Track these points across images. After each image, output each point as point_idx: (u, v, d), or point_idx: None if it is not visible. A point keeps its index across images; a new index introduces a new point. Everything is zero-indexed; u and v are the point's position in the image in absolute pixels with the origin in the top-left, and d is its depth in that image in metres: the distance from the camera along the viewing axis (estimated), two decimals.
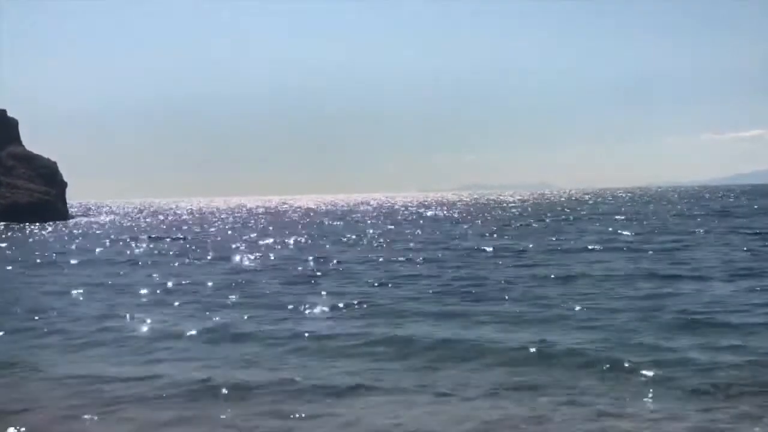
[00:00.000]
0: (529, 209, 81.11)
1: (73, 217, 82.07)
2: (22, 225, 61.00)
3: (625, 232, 36.52)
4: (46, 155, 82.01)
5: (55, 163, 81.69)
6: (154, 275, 23.10)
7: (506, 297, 16.75)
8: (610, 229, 40.01)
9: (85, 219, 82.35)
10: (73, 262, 28.78)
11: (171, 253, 32.58)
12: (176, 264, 27.30)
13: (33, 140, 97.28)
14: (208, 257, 29.42)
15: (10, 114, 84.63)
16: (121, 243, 40.33)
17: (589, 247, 28.80)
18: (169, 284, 20.69)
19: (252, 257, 28.52)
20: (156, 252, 33.34)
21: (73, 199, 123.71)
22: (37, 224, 62.47)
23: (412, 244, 33.36)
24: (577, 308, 14.82)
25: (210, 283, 20.50)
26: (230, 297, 17.90)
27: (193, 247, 35.47)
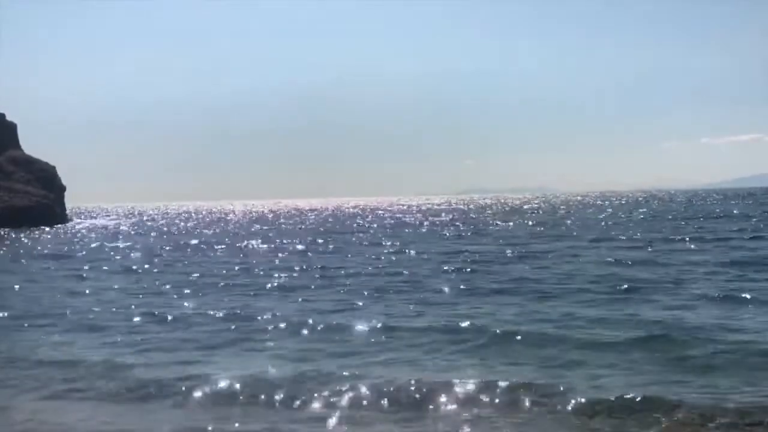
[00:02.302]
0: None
1: (71, 221, 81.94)
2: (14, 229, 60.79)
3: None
4: (44, 159, 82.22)
5: (53, 167, 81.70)
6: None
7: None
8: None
9: (85, 222, 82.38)
10: None
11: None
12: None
13: (32, 144, 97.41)
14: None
15: (8, 118, 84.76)
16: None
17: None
18: None
19: None
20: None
21: (73, 203, 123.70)
22: (37, 228, 62.39)
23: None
24: None
25: None
26: None
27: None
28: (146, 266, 27.61)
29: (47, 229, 63.39)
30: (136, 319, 15.48)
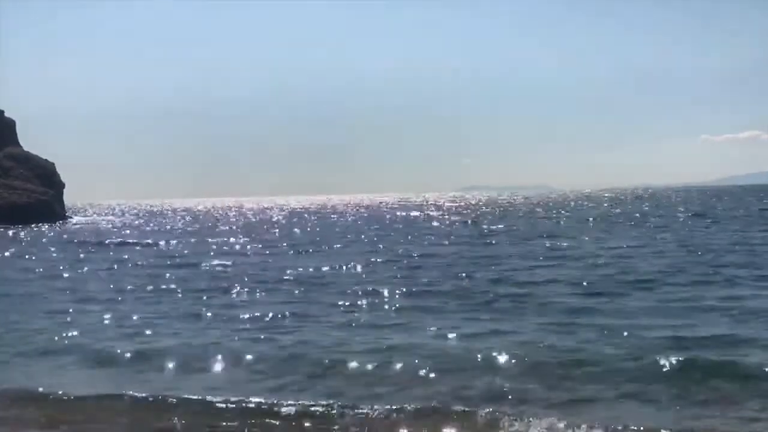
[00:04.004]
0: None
1: (70, 218, 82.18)
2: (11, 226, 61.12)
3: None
4: (44, 156, 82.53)
5: (52, 164, 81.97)
6: None
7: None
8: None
9: (83, 219, 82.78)
10: None
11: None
12: None
13: (31, 141, 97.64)
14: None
15: (7, 115, 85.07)
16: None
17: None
18: None
19: None
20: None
21: (74, 200, 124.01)
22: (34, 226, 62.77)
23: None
24: None
25: None
26: None
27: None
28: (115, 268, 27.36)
29: (46, 226, 63.72)
30: None
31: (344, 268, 24.98)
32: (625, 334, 12.79)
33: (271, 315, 15.74)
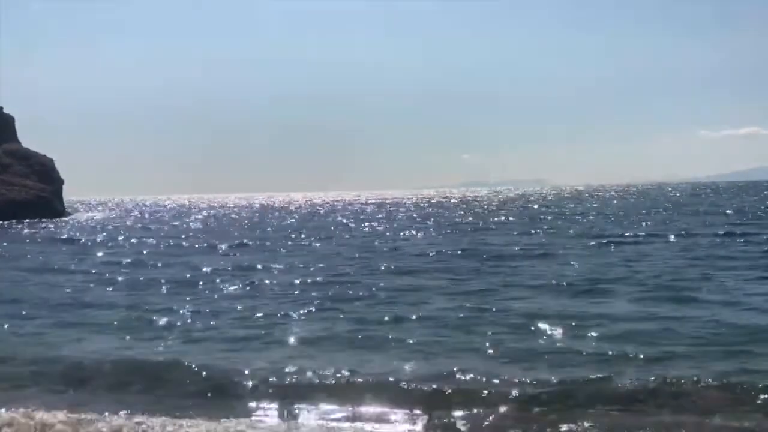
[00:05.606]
0: None
1: (69, 215, 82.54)
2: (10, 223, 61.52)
3: None
4: (43, 152, 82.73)
5: (51, 160, 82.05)
6: None
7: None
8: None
9: (84, 216, 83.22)
10: None
11: None
12: None
13: (30, 137, 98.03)
14: None
15: (6, 111, 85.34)
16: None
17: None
18: None
19: None
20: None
21: (74, 196, 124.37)
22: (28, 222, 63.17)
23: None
24: None
25: None
26: None
27: None
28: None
29: (45, 222, 64.10)
30: None
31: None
32: (607, 342, 12.03)
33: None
